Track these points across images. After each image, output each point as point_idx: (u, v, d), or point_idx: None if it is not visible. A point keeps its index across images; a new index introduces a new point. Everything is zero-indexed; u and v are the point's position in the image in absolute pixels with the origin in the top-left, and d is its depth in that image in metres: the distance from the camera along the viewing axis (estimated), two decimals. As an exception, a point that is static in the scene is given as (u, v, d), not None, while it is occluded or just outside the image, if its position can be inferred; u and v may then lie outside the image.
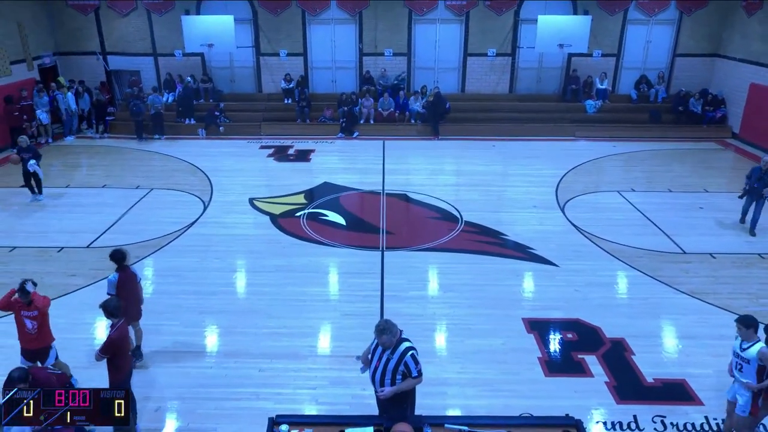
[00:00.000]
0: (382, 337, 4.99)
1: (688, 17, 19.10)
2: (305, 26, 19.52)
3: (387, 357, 5.06)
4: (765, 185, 10.66)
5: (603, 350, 7.61)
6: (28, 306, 6.26)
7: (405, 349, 5.05)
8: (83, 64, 19.80)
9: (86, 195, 13.32)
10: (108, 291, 6.91)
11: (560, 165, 15.47)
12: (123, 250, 7.08)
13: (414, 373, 5.05)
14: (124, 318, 6.02)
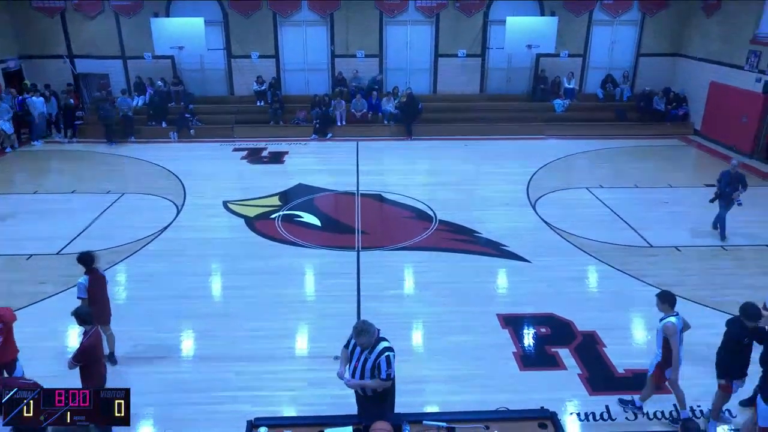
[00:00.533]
0: (360, 339, 5.02)
1: (651, 18, 19.64)
2: (276, 28, 19.45)
3: (365, 356, 5.10)
4: (735, 189, 10.49)
5: (575, 343, 7.81)
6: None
7: (382, 349, 5.08)
8: (49, 68, 19.33)
9: (55, 201, 13.05)
10: (78, 295, 6.85)
11: (531, 163, 15.75)
12: (91, 253, 7.02)
13: (383, 374, 5.05)
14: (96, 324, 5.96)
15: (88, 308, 5.87)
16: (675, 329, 5.92)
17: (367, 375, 5.12)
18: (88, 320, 5.73)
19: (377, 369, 5.05)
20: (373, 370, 5.09)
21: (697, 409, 6.56)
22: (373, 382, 5.12)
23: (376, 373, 5.08)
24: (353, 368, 5.19)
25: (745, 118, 16.43)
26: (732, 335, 5.84)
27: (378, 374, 5.07)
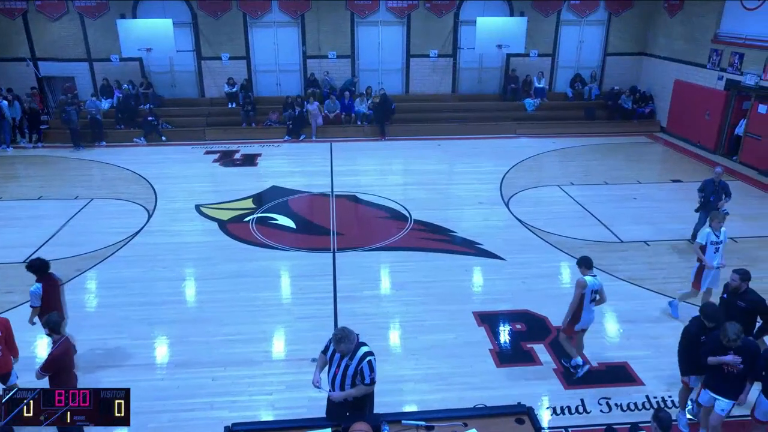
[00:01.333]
0: (341, 346, 5.00)
1: (617, 18, 20.07)
2: (247, 29, 19.27)
3: (346, 363, 5.08)
4: (719, 199, 10.03)
5: (550, 338, 7.93)
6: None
7: (363, 354, 5.07)
8: (11, 71, 18.80)
9: (21, 208, 12.71)
10: (32, 303, 6.75)
11: (503, 162, 15.94)
12: (42, 259, 6.91)
13: (367, 380, 5.07)
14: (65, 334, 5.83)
15: (57, 317, 5.73)
16: (584, 284, 6.68)
17: (348, 381, 5.11)
18: (56, 329, 5.60)
19: (360, 375, 5.05)
20: (354, 376, 5.08)
21: (668, 399, 6.72)
22: (357, 390, 5.11)
23: (358, 379, 5.08)
24: (333, 375, 5.15)
25: (708, 115, 16.92)
26: (690, 333, 5.91)
27: (361, 380, 5.07)
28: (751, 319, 6.24)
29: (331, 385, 5.22)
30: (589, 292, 6.75)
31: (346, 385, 5.12)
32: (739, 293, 6.31)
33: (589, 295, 6.76)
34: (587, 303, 6.80)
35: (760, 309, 6.24)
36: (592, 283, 6.73)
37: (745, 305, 6.22)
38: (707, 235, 7.95)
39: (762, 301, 6.28)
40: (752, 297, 6.27)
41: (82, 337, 7.61)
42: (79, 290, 9.20)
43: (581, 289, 6.71)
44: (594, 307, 6.91)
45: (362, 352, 5.07)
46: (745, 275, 6.28)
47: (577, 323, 6.90)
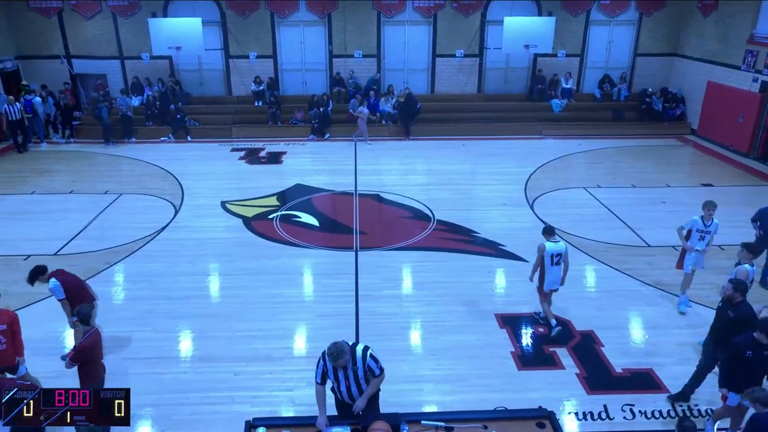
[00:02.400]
0: (340, 361, 4.91)
1: (648, 18, 19.68)
2: (274, 28, 19.44)
3: (352, 369, 5.03)
4: None
5: (573, 343, 7.83)
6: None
7: (362, 351, 5.03)
8: (46, 68, 19.31)
9: (53, 201, 13.04)
10: (57, 297, 6.87)
11: (528, 163, 15.78)
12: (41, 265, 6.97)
13: (377, 371, 5.05)
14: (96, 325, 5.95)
15: (88, 309, 5.84)
16: (543, 248, 7.65)
17: (363, 383, 5.10)
18: (86, 320, 5.72)
19: (369, 371, 5.05)
20: (366, 375, 5.08)
21: (694, 408, 6.57)
22: (373, 386, 5.11)
23: (369, 376, 5.08)
24: (345, 388, 5.12)
25: (742, 118, 16.48)
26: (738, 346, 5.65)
27: (372, 375, 5.07)
28: (738, 329, 5.95)
29: (348, 397, 5.18)
30: (548, 256, 7.65)
31: (362, 388, 5.12)
32: (732, 303, 6.13)
33: (548, 258, 7.66)
34: (549, 266, 7.71)
35: (746, 322, 5.98)
36: (551, 248, 7.64)
37: (734, 315, 6.06)
38: (694, 222, 8.34)
39: (750, 315, 6.06)
40: (743, 309, 6.08)
41: (108, 329, 7.75)
42: (106, 283, 9.40)
43: (540, 252, 7.69)
44: (559, 271, 7.79)
45: (361, 351, 5.04)
46: (738, 286, 6.10)
47: (544, 284, 7.84)
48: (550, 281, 7.81)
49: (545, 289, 7.90)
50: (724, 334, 6.06)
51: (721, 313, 6.26)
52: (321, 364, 5.10)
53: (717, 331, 6.30)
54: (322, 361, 5.08)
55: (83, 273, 9.41)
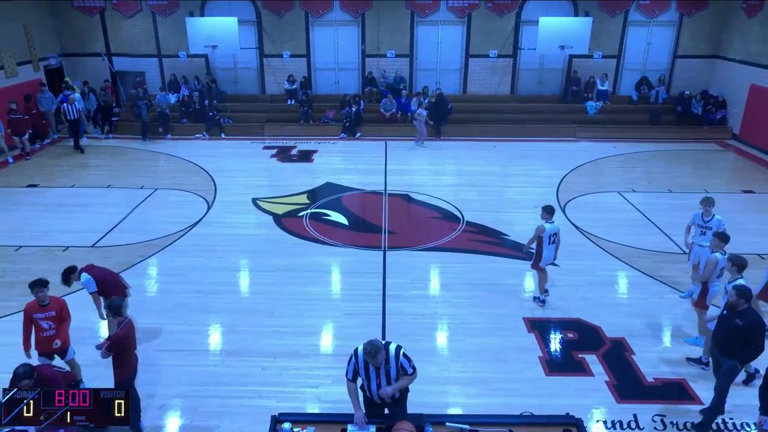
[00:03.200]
0: (377, 359, 4.92)
1: (689, 19, 19.16)
2: (308, 28, 19.62)
3: (385, 369, 5.03)
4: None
5: (603, 350, 7.68)
6: (44, 308, 6.32)
7: (396, 351, 5.03)
8: (88, 66, 19.92)
9: (91, 195, 13.43)
10: (89, 290, 7.08)
11: (561, 165, 15.54)
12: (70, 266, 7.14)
13: (409, 370, 5.06)
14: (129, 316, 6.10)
15: (119, 301, 5.99)
16: (543, 229, 8.27)
17: (393, 383, 5.09)
18: (119, 312, 5.86)
19: (402, 370, 5.05)
20: (398, 374, 5.08)
21: (729, 421, 6.37)
22: (403, 381, 5.11)
23: (401, 375, 5.08)
24: (377, 386, 5.12)
25: (786, 123, 15.91)
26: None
27: (404, 374, 5.07)
28: (747, 338, 5.81)
29: (377, 396, 5.16)
30: (547, 236, 8.35)
31: None
32: (737, 311, 5.85)
33: (546, 238, 8.36)
34: (546, 245, 8.39)
35: (754, 330, 5.78)
36: (550, 228, 8.34)
37: (742, 324, 5.78)
38: (695, 217, 8.78)
39: (760, 322, 5.82)
40: (750, 316, 5.80)
41: (141, 321, 7.95)
42: (140, 275, 9.63)
43: (539, 233, 8.35)
44: (554, 249, 8.50)
45: (394, 350, 5.04)
46: (742, 292, 5.81)
47: (540, 261, 8.48)
48: (546, 257, 8.49)
49: (542, 264, 8.56)
50: (733, 343, 5.87)
51: (727, 322, 5.95)
52: (353, 361, 5.09)
53: (724, 340, 6.01)
54: (354, 358, 5.08)
55: (118, 265, 9.71)
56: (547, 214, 8.40)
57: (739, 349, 5.89)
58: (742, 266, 6.72)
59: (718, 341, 6.10)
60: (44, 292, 6.30)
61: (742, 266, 6.73)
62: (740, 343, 5.83)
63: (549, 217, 8.38)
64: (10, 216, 12.14)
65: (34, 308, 6.32)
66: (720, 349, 6.07)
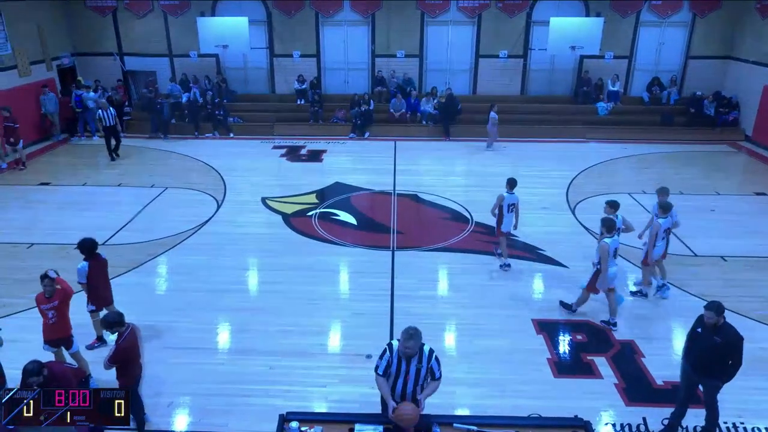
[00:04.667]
0: (409, 342, 4.77)
1: (702, 19, 18.99)
2: (318, 28, 19.65)
3: (416, 366, 4.93)
4: None
5: (612, 352, 7.63)
6: (49, 299, 6.46)
7: (429, 352, 4.96)
8: (100, 65, 20.07)
9: (102, 193, 13.54)
10: (78, 280, 7.17)
11: (571, 166, 15.46)
12: (92, 239, 7.29)
13: (437, 374, 4.98)
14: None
15: (115, 315, 5.88)
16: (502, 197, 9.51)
17: (421, 382, 5.02)
18: (116, 324, 5.75)
19: (430, 372, 4.98)
20: (426, 375, 5.00)
21: (740, 425, 6.31)
22: (430, 389, 5.00)
23: (429, 377, 5.00)
24: (403, 382, 5.00)
25: (800, 125, 15.72)
26: None
27: (431, 377, 5.00)
28: (726, 354, 5.61)
29: (401, 394, 5.03)
30: (506, 204, 9.48)
31: (418, 386, 5.01)
32: (715, 327, 5.63)
33: (506, 206, 9.47)
34: (506, 213, 9.52)
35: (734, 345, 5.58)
36: (508, 198, 9.43)
37: (721, 340, 5.57)
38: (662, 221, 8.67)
39: (738, 338, 5.58)
40: (729, 332, 5.59)
41: (151, 319, 8.05)
42: (150, 274, 9.70)
43: (499, 201, 9.52)
44: (512, 217, 9.58)
45: (427, 351, 4.97)
46: (719, 309, 5.60)
47: (502, 225, 9.63)
48: (507, 223, 9.55)
49: (503, 230, 9.69)
50: (712, 361, 5.68)
51: (705, 340, 5.70)
52: (387, 356, 4.95)
53: (702, 360, 5.77)
54: (388, 353, 4.96)
55: (128, 264, 9.80)
56: (508, 186, 9.55)
57: (719, 367, 5.68)
58: (611, 228, 7.94)
59: (695, 361, 5.86)
60: (51, 285, 6.43)
61: (611, 227, 7.95)
62: (720, 361, 5.64)
63: (509, 189, 9.53)
64: (23, 214, 12.27)
65: (41, 300, 6.52)
66: (698, 369, 5.85)
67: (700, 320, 5.80)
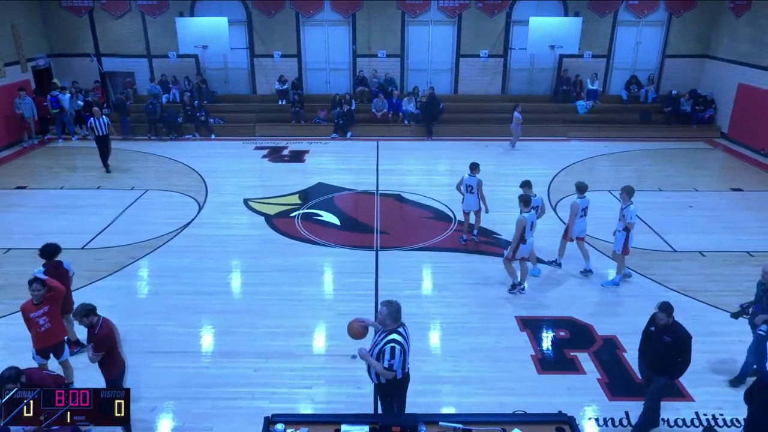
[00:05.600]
0: (383, 309, 5.16)
1: (677, 18, 19.33)
2: (299, 28, 19.58)
3: (377, 339, 5.21)
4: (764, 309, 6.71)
5: (595, 347, 7.73)
6: (38, 306, 6.30)
7: (390, 339, 5.13)
8: (77, 66, 19.76)
9: (81, 196, 13.34)
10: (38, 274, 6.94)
11: (552, 165, 15.61)
12: (55, 245, 7.16)
13: (384, 363, 5.11)
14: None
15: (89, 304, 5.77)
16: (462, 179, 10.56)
17: (373, 357, 5.21)
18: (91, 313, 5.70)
19: (381, 355, 5.12)
20: (378, 356, 5.15)
21: (719, 417, 6.44)
22: (378, 365, 5.17)
23: (380, 358, 5.14)
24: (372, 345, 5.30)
25: (774, 122, 16.08)
26: None
27: (381, 361, 5.14)
28: (677, 353, 5.75)
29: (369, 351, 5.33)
30: (464, 185, 10.44)
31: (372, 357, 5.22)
32: (665, 327, 5.77)
33: (464, 187, 10.45)
34: (466, 193, 10.44)
35: (683, 344, 5.70)
36: (468, 179, 10.38)
37: (671, 340, 5.71)
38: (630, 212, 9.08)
39: (688, 337, 5.71)
40: (678, 332, 5.72)
41: (133, 322, 7.96)
42: (131, 277, 9.58)
43: (460, 183, 10.39)
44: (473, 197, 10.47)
45: (391, 337, 5.13)
46: (669, 310, 5.74)
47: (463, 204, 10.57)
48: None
49: (464, 209, 10.64)
50: (664, 360, 5.82)
51: (657, 340, 5.84)
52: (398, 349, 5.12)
53: (654, 358, 5.91)
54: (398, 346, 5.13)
55: (109, 267, 9.68)
56: (470, 169, 10.41)
57: (669, 364, 5.82)
58: (527, 203, 8.89)
59: (648, 359, 6.02)
60: (39, 291, 6.25)
61: (528, 203, 8.89)
62: (670, 359, 5.77)
63: (471, 172, 10.38)
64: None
65: (29, 308, 6.30)
66: (651, 367, 6.00)
67: (653, 319, 5.92)
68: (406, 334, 5.28)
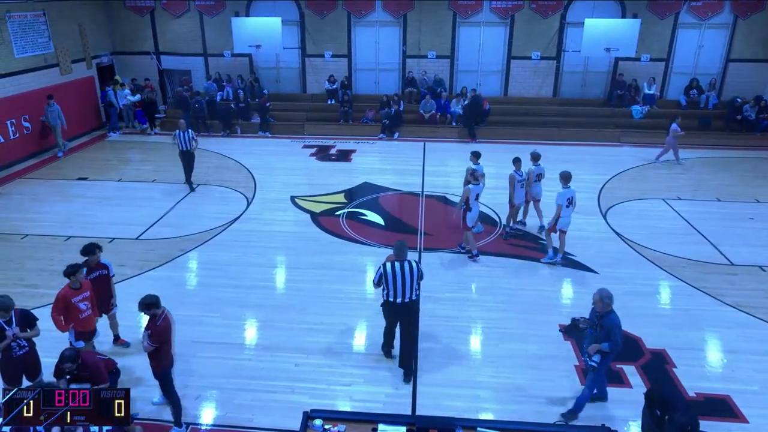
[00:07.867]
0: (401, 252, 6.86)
1: (743, 21, 18.43)
2: (350, 28, 19.75)
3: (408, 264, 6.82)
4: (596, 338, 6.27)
5: (642, 361, 7.47)
6: (78, 290, 6.62)
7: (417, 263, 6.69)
8: (136, 64, 20.57)
9: (137, 189, 13.86)
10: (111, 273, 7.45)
11: (603, 171, 15.18)
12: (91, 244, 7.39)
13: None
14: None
15: (153, 297, 5.95)
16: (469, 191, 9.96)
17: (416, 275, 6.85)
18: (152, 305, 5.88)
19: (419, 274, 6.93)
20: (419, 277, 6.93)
21: None
22: None
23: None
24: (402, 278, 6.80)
25: None
26: None
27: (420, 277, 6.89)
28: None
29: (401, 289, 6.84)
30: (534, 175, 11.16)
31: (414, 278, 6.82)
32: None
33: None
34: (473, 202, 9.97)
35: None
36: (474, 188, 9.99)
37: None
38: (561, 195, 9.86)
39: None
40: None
41: (181, 313, 8.16)
42: (180, 269, 9.89)
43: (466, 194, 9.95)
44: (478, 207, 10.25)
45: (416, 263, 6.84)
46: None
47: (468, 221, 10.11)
48: (470, 217, 9.92)
49: (469, 224, 10.04)
50: None
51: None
52: (380, 271, 6.78)
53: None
54: (381, 269, 6.75)
55: (159, 258, 10.04)
56: (473, 179, 10.11)
57: None
58: (475, 176, 9.98)
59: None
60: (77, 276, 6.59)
61: (475, 176, 9.97)
62: None
63: (474, 182, 10.07)
64: (61, 207, 12.64)
65: (69, 294, 6.58)
66: None
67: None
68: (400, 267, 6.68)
